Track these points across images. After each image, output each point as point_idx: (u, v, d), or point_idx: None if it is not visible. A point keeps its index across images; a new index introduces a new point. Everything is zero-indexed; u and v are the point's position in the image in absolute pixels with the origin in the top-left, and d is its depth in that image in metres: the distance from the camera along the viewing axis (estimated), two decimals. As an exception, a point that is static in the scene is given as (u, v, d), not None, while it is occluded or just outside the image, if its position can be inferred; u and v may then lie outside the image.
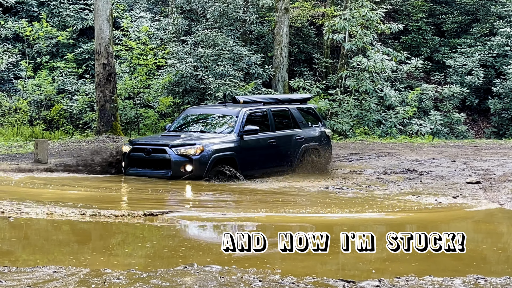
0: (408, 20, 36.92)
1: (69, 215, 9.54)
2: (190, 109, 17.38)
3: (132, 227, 9.21)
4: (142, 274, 6.01)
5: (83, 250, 7.52)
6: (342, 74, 31.33)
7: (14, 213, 9.44)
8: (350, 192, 13.17)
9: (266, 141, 15.28)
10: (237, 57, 30.90)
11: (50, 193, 12.25)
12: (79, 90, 29.99)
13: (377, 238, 7.52)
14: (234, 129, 14.79)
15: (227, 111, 15.81)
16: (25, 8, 34.44)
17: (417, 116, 31.43)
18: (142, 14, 33.91)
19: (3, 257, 6.78)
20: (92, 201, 11.26)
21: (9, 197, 10.92)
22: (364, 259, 7.06)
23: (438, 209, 11.34)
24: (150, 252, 7.39)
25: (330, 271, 6.60)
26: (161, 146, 14.37)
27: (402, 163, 19.34)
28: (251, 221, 9.56)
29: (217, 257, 7.00)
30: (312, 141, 16.51)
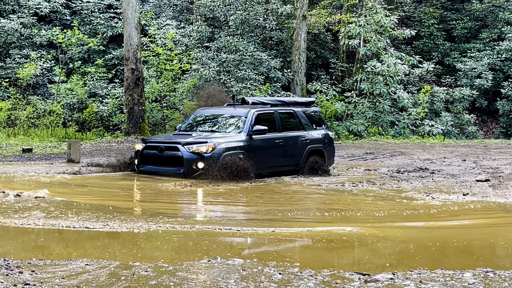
0: (420, 26, 36.78)
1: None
2: (200, 110, 17.14)
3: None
4: (169, 267, 6.03)
5: (113, 244, 7.56)
6: (357, 78, 31.26)
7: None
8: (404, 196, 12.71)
9: (273, 141, 15.14)
10: (258, 62, 30.91)
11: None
12: (109, 94, 30.13)
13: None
14: (243, 129, 14.67)
15: (236, 112, 15.69)
16: (59, 16, 34.67)
17: (429, 117, 31.31)
18: (168, 21, 34.00)
19: (39, 251, 6.84)
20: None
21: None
22: (379, 254, 7.03)
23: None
24: (176, 247, 7.42)
25: (347, 264, 6.59)
26: (174, 144, 14.22)
27: (415, 162, 19.25)
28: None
29: (239, 252, 7.01)
30: (317, 143, 16.29)
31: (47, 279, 5.35)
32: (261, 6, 33.70)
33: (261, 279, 5.63)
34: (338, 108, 29.99)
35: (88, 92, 30.23)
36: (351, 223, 9.07)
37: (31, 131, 26.62)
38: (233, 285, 5.40)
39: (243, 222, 9.38)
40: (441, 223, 9.59)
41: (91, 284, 5.29)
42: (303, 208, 10.92)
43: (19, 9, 33.93)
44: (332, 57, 35.54)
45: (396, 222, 9.43)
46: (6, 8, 34.39)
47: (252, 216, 9.93)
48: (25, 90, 30.22)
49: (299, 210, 10.56)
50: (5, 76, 30.82)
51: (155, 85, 29.55)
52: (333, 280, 5.70)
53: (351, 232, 8.36)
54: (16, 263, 5.85)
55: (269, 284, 5.48)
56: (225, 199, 11.95)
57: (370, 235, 8.19)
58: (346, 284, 5.60)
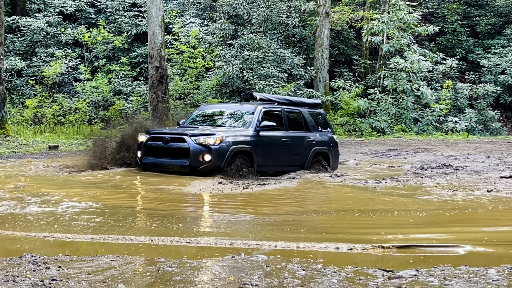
0: (444, 23, 36.52)
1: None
2: (205, 105, 16.64)
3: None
4: (193, 262, 6.06)
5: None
6: (381, 75, 31.14)
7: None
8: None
9: (280, 139, 14.70)
10: (281, 59, 30.90)
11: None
12: (134, 92, 30.30)
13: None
14: (251, 124, 14.13)
15: (242, 107, 15.30)
16: (84, 15, 34.91)
17: (453, 113, 31.12)
18: (192, 19, 34.10)
19: (65, 247, 6.89)
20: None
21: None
22: (403, 252, 7.00)
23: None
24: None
25: (370, 261, 6.57)
26: (180, 135, 13.44)
27: (438, 159, 19.14)
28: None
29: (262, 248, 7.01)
30: (322, 145, 15.90)
31: (73, 275, 5.39)
32: (284, 3, 33.67)
33: (285, 275, 5.64)
34: (361, 104, 29.90)
35: (113, 90, 30.43)
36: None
37: (57, 128, 26.83)
38: (257, 281, 5.40)
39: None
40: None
41: (117, 279, 5.33)
42: (357, 209, 10.26)
43: (45, 8, 34.21)
44: (355, 54, 35.42)
45: (471, 226, 8.99)
46: (32, 7, 34.68)
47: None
48: (51, 88, 30.47)
49: (356, 211, 10.01)
50: (32, 74, 31.10)
51: (179, 82, 29.65)
52: (356, 277, 5.69)
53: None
54: (43, 259, 5.91)
55: (293, 280, 5.48)
56: (277, 200, 11.51)
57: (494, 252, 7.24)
58: (369, 280, 5.58)
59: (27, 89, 30.51)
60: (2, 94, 22.98)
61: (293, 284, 5.38)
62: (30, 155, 18.38)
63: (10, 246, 6.87)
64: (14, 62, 30.64)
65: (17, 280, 5.09)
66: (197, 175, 13.11)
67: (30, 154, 18.95)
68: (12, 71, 30.87)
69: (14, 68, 30.71)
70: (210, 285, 5.25)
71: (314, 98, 29.07)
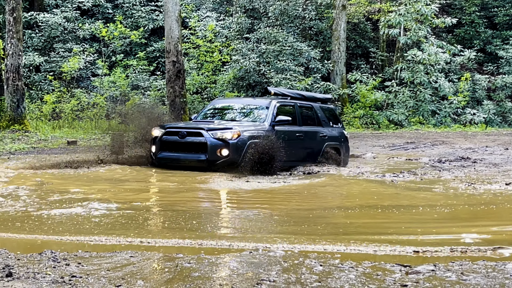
0: (462, 14, 36.29)
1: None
2: (217, 100, 16.50)
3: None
4: (211, 258, 6.09)
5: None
6: (398, 67, 31.02)
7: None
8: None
9: (294, 134, 14.58)
10: (297, 52, 30.87)
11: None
12: (151, 86, 30.39)
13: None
14: (266, 118, 13.99)
15: (256, 102, 15.15)
16: (101, 10, 35.06)
17: (471, 105, 30.95)
18: (208, 14, 34.14)
19: (85, 242, 6.95)
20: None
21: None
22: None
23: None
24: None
25: (388, 256, 6.56)
26: (197, 129, 13.23)
27: (456, 151, 19.07)
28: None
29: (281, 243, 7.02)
30: (334, 140, 15.84)
31: (93, 271, 5.44)
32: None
33: (302, 271, 5.66)
34: (378, 97, 29.82)
35: (131, 84, 30.56)
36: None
37: (75, 123, 26.98)
38: (275, 276, 5.43)
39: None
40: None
41: (136, 276, 5.37)
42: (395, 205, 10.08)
43: (62, 4, 34.40)
44: (372, 46, 35.29)
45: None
46: (50, 2, 34.88)
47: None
48: (69, 83, 30.65)
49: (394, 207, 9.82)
50: (50, 70, 31.30)
51: (196, 77, 29.71)
52: (374, 272, 5.69)
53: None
54: (63, 255, 5.96)
55: (310, 276, 5.50)
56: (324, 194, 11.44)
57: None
58: (387, 275, 5.59)
59: (45, 85, 30.71)
60: (21, 90, 23.15)
61: (311, 280, 5.40)
62: (49, 150, 18.51)
63: (30, 244, 6.93)
64: (33, 58, 30.85)
65: (37, 277, 5.15)
66: (214, 170, 13.01)
67: (49, 149, 19.08)
68: (31, 66, 31.08)
69: (33, 64, 30.92)
70: (228, 281, 5.28)
71: (326, 93, 29.03)
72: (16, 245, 6.75)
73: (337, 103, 30.09)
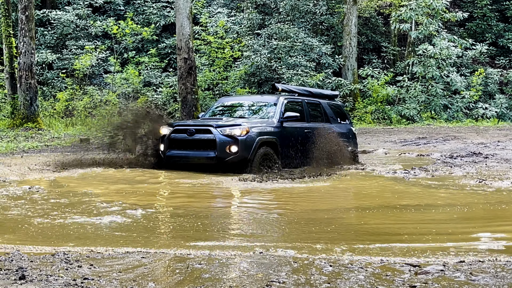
0: (473, 7, 36.13)
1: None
2: (224, 98, 16.39)
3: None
4: (222, 259, 6.14)
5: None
6: (409, 61, 30.94)
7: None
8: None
9: (303, 131, 14.48)
10: (308, 48, 30.85)
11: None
12: (163, 83, 30.48)
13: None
14: (274, 115, 13.93)
15: (264, 98, 15.16)
16: (113, 7, 35.17)
17: (483, 99, 30.83)
18: (219, 10, 34.17)
19: (98, 243, 7.01)
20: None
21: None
22: (431, 247, 7.00)
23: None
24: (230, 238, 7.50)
25: (398, 254, 6.58)
26: (205, 126, 13.13)
27: (468, 147, 19.03)
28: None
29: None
30: (342, 137, 15.75)
31: (105, 273, 5.50)
32: (311, -8, 33.58)
33: (312, 272, 5.70)
34: (390, 92, 29.76)
35: (143, 81, 30.66)
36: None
37: (88, 120, 27.11)
38: (284, 278, 5.47)
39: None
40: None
41: (147, 278, 5.43)
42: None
43: (74, 1, 34.53)
44: (384, 41, 35.21)
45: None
46: (62, 0, 35.00)
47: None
48: (81, 80, 30.78)
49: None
50: (62, 67, 31.45)
51: (207, 73, 29.77)
52: (383, 272, 5.73)
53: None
54: (75, 257, 6.03)
55: (320, 277, 5.54)
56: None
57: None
58: (396, 276, 5.62)
59: (58, 82, 30.86)
60: (33, 88, 23.30)
61: (320, 280, 5.44)
62: (62, 148, 18.62)
63: (42, 244, 7.00)
64: (45, 55, 31.01)
65: (50, 279, 5.21)
66: (224, 166, 12.99)
67: (62, 147, 19.19)
68: (43, 64, 31.25)
69: (45, 61, 31.09)
70: (238, 283, 5.33)
71: (338, 88, 29.04)
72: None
73: (348, 98, 30.06)
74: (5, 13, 24.45)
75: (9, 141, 20.31)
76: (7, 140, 20.66)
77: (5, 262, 5.79)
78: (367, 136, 23.72)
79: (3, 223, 7.95)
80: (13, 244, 6.69)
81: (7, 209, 8.81)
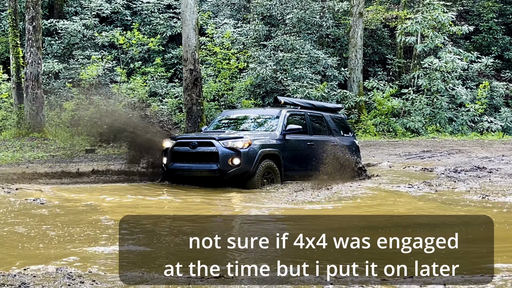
0: (479, 20, 36.19)
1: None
2: (227, 111, 16.45)
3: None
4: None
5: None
6: (415, 74, 30.98)
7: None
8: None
9: (306, 143, 14.54)
10: (314, 60, 30.94)
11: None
12: (169, 93, 30.59)
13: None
14: (276, 128, 14.00)
15: (266, 111, 15.18)
16: (120, 17, 35.33)
17: (488, 113, 30.83)
18: (226, 20, 34.30)
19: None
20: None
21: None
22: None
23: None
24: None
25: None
26: (208, 139, 13.21)
27: (472, 160, 19.01)
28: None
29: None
30: (345, 150, 15.52)
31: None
32: (318, 4, 33.68)
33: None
34: (395, 104, 29.79)
35: (149, 91, 30.76)
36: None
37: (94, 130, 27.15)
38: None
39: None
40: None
41: (149, 294, 5.49)
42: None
43: (81, 11, 34.72)
44: (389, 53, 35.28)
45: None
46: (69, 10, 35.22)
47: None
48: (88, 90, 30.90)
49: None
50: (69, 77, 31.59)
51: (213, 84, 29.86)
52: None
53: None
54: (78, 273, 6.09)
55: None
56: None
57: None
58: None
59: (64, 91, 30.99)
60: (40, 98, 23.44)
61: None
62: (68, 159, 18.70)
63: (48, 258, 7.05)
64: (52, 65, 31.16)
65: (52, 295, 5.27)
66: (226, 179, 13.06)
67: (68, 157, 19.27)
68: (50, 73, 31.40)
69: (52, 71, 31.23)
70: None
71: (343, 100, 29.09)
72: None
73: (353, 110, 30.10)
74: (13, 23, 24.63)
75: (15, 151, 20.42)
76: (12, 150, 20.78)
77: (8, 277, 5.85)
78: (371, 149, 23.74)
79: (8, 238, 8.01)
80: (15, 259, 6.75)
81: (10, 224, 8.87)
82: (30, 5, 23.25)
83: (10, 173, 14.52)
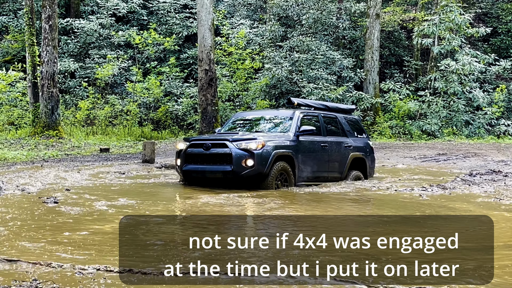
0: (498, 23, 36.04)
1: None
2: (240, 113, 16.49)
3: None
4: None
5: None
6: (431, 76, 30.90)
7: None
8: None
9: (319, 145, 14.55)
10: (330, 61, 30.95)
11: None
12: (184, 93, 30.72)
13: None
14: (290, 129, 14.01)
15: (279, 113, 15.22)
16: (136, 17, 35.52)
17: (506, 116, 30.69)
18: (242, 21, 34.39)
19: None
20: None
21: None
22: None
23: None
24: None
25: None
26: (221, 140, 13.25)
27: (488, 164, 18.96)
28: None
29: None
30: (359, 151, 15.79)
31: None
32: (334, 5, 33.68)
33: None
34: (411, 107, 29.74)
35: (164, 91, 30.92)
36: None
37: (109, 129, 27.39)
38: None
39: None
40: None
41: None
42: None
43: (98, 10, 34.94)
44: (406, 54, 35.22)
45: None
46: (86, 9, 35.45)
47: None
48: (103, 89, 31.11)
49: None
50: (85, 76, 31.81)
51: (227, 84, 29.96)
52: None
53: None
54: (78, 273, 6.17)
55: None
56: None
57: None
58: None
59: (80, 91, 31.22)
60: (55, 96, 23.62)
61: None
62: (83, 158, 18.85)
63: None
64: (68, 64, 31.40)
65: (64, 292, 5.36)
66: (240, 180, 13.09)
67: (82, 156, 19.43)
68: (66, 72, 31.63)
69: (68, 70, 31.47)
70: None
71: (359, 102, 29.07)
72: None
73: (369, 112, 30.08)
74: (29, 22, 24.84)
75: (30, 149, 20.61)
76: (28, 148, 20.97)
77: (21, 274, 5.94)
78: (387, 151, 23.74)
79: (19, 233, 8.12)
80: (30, 256, 6.85)
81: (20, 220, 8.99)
82: (47, 4, 23.44)
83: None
